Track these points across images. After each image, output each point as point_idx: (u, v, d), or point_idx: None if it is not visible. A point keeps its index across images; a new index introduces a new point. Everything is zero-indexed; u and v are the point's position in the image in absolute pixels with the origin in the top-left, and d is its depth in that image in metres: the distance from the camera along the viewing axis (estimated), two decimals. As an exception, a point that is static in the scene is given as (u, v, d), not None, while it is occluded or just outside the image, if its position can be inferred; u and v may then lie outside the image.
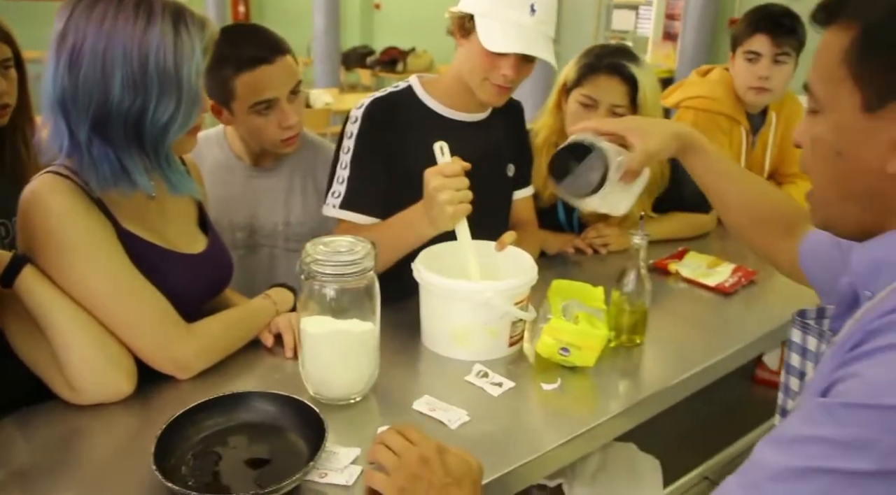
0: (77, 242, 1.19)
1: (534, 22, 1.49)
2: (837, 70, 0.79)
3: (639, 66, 1.88)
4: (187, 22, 1.18)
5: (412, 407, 1.22)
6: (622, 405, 1.29)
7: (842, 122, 0.80)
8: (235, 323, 1.37)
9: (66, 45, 1.14)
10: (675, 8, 7.65)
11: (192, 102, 1.20)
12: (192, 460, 1.05)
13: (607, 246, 2.00)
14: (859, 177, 0.80)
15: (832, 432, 0.66)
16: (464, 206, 1.38)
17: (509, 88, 1.58)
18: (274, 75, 1.65)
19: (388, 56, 9.62)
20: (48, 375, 1.21)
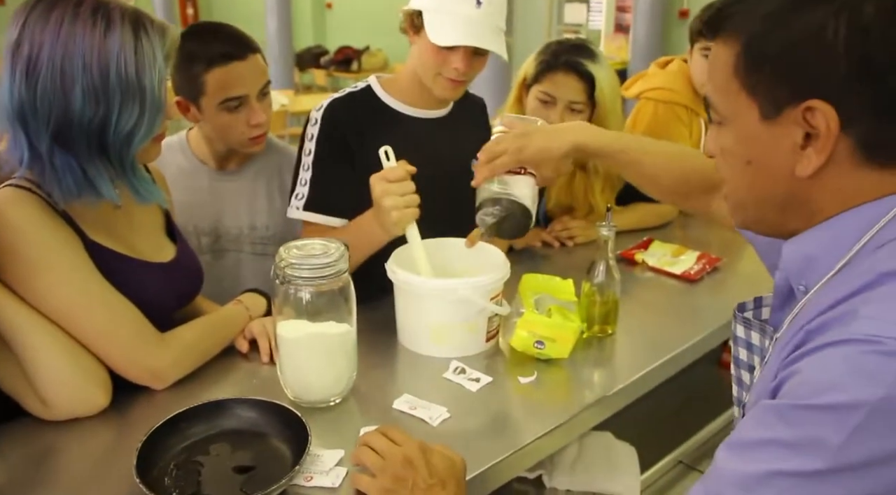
0: (43, 256, 1.17)
1: (481, 14, 1.49)
2: (731, 83, 0.81)
3: (596, 62, 1.90)
4: (147, 28, 1.16)
5: (392, 406, 1.23)
6: (598, 395, 1.31)
7: (745, 133, 0.81)
8: (209, 330, 1.36)
9: (22, 54, 1.11)
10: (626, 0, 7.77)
11: (155, 110, 1.18)
12: (174, 470, 1.04)
13: (574, 238, 2.02)
14: (772, 183, 0.82)
15: (783, 434, 0.68)
16: (411, 211, 1.40)
17: (463, 82, 1.60)
18: (246, 72, 1.65)
19: (342, 55, 9.58)
20: (18, 392, 1.18)
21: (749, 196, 0.86)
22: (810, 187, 0.79)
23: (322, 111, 1.64)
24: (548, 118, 1.92)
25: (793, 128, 0.76)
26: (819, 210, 0.81)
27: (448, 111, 1.75)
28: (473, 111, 1.84)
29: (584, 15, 8.41)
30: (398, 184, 1.38)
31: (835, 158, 0.76)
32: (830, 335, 0.70)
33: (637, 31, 7.24)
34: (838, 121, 0.73)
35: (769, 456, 0.69)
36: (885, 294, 0.70)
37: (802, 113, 0.75)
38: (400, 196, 1.38)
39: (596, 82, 1.88)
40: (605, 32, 8.02)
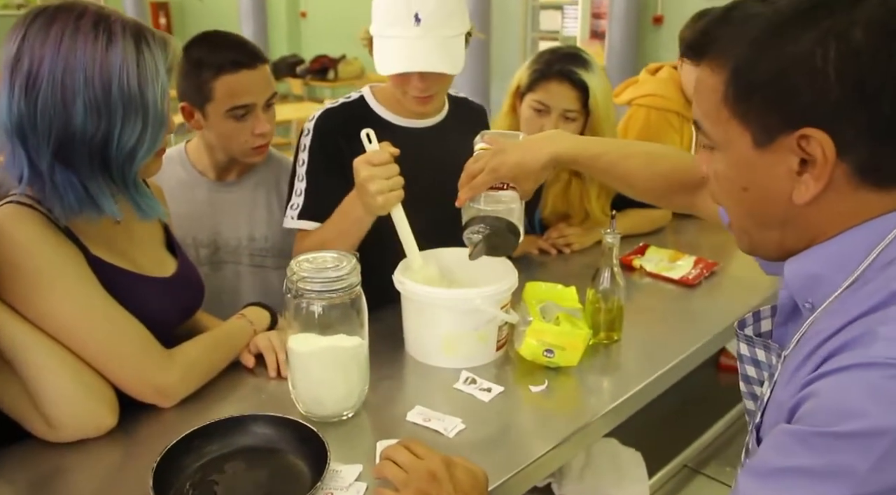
0: (47, 273, 1.14)
1: (421, 32, 1.46)
2: (720, 112, 0.79)
3: (589, 70, 1.91)
4: (149, 41, 1.14)
5: (406, 418, 1.22)
6: (609, 403, 1.31)
7: (739, 160, 0.80)
8: (215, 346, 1.34)
9: (22, 69, 1.08)
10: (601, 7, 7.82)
11: (158, 124, 1.16)
12: (191, 490, 1.02)
13: (570, 245, 2.03)
14: (770, 207, 0.81)
15: (807, 462, 0.67)
16: (395, 194, 1.39)
17: (430, 96, 1.59)
18: (254, 81, 1.64)
19: (318, 64, 9.52)
20: (22, 413, 1.15)
21: (749, 221, 0.85)
22: (808, 212, 0.78)
23: (315, 121, 1.64)
24: (542, 127, 1.93)
25: (788, 155, 0.75)
26: (821, 232, 0.80)
27: (441, 119, 1.74)
28: (471, 118, 1.83)
29: (560, 21, 8.46)
30: (383, 168, 1.38)
31: (833, 184, 0.75)
32: (850, 357, 0.69)
33: (612, 38, 7.28)
34: (834, 148, 0.72)
35: (794, 484, 0.68)
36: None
37: (797, 140, 0.74)
38: (385, 179, 1.37)
39: (590, 90, 1.88)
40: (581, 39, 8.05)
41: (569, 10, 8.31)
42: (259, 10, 9.17)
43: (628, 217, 2.15)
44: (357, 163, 1.39)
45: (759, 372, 0.98)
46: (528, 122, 1.97)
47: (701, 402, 1.87)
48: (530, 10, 8.48)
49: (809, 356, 0.75)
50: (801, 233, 0.81)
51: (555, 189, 2.05)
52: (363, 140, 1.40)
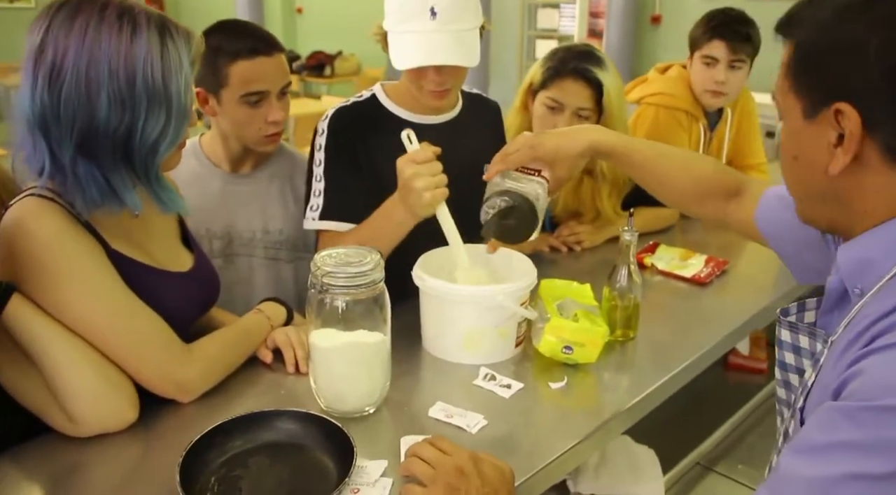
0: (68, 267, 1.13)
1: (437, 25, 1.46)
2: (784, 82, 0.87)
3: (603, 69, 1.91)
4: (173, 34, 1.13)
5: (428, 414, 1.21)
6: (627, 400, 1.31)
7: (793, 129, 0.87)
8: (234, 341, 1.33)
9: (45, 60, 1.07)
10: (599, 6, 7.83)
11: (182, 117, 1.15)
12: (216, 485, 1.01)
13: (581, 243, 2.03)
14: (813, 178, 0.87)
15: (854, 436, 0.68)
16: (441, 191, 1.38)
17: (446, 90, 1.58)
18: (270, 68, 1.64)
19: (314, 60, 9.48)
20: (43, 408, 1.14)
21: (798, 190, 0.93)
22: (846, 185, 0.83)
23: (328, 120, 1.63)
24: (555, 124, 1.92)
25: (827, 129, 0.81)
26: (865, 212, 0.84)
27: (455, 115, 1.74)
28: (485, 114, 1.83)
29: (557, 20, 8.46)
30: (428, 165, 1.36)
31: (862, 160, 0.80)
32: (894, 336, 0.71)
33: (610, 37, 7.29)
34: (860, 124, 0.78)
35: (842, 458, 0.69)
36: None
37: (834, 114, 0.80)
38: (430, 176, 1.36)
39: (604, 89, 1.88)
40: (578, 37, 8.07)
41: (566, 8, 8.32)
42: (255, 5, 9.14)
43: (639, 215, 2.14)
44: (401, 162, 1.37)
45: (798, 360, 1.01)
46: (541, 120, 1.97)
47: (710, 400, 1.87)
48: (527, 8, 8.48)
49: (857, 338, 0.77)
50: (842, 209, 0.86)
51: (567, 187, 2.05)
52: (404, 141, 1.39)
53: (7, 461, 1.10)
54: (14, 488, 1.06)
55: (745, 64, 2.31)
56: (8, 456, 1.11)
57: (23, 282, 1.13)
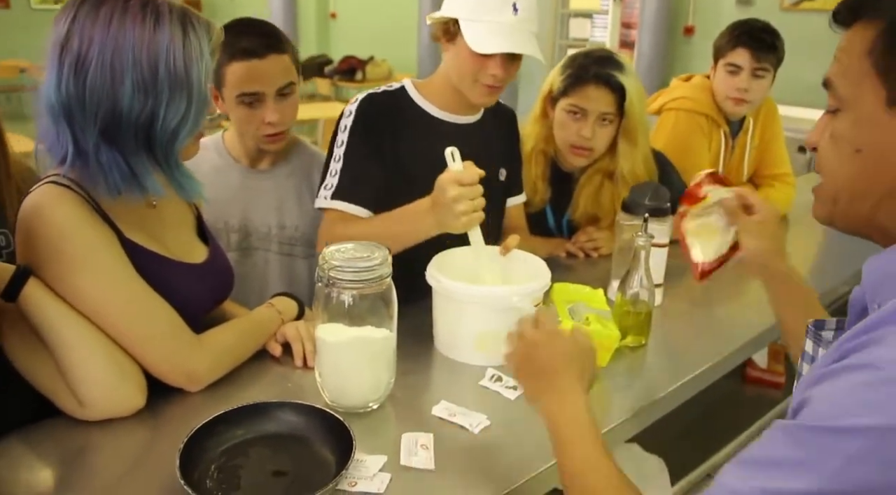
0: (83, 254, 1.15)
1: (518, 20, 1.50)
2: (861, 64, 0.79)
3: (625, 73, 1.90)
4: (194, 23, 1.16)
5: (431, 412, 1.21)
6: (634, 406, 1.30)
7: (864, 118, 0.79)
8: (244, 333, 1.34)
9: (71, 49, 1.10)
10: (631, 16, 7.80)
11: (202, 105, 1.18)
12: (216, 473, 1.02)
13: (598, 249, 2.01)
14: (880, 173, 0.79)
15: (783, 453, 0.66)
16: (477, 216, 1.38)
17: (499, 87, 1.59)
18: (262, 71, 1.64)
19: (346, 65, 9.56)
20: (54, 391, 1.16)
21: (847, 186, 0.83)
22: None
23: (358, 104, 1.64)
24: (578, 130, 1.92)
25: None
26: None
27: (478, 118, 1.74)
28: (503, 121, 1.84)
29: (589, 30, 8.45)
30: (471, 189, 1.36)
31: None
32: (854, 358, 0.67)
33: (642, 47, 7.25)
34: None
35: (765, 474, 0.67)
36: None
37: None
38: (471, 200, 1.36)
39: (626, 93, 1.87)
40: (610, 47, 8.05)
41: (598, 18, 8.31)
42: (289, 10, 9.24)
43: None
44: (445, 181, 1.36)
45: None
46: (563, 127, 1.96)
47: (725, 413, 1.84)
48: (560, 17, 8.48)
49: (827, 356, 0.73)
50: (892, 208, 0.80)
51: (587, 191, 2.04)
52: (447, 158, 1.38)
53: (17, 441, 1.12)
54: (23, 467, 1.07)
55: (768, 73, 2.29)
56: (18, 436, 1.13)
57: (39, 267, 1.15)
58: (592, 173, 2.02)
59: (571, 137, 1.94)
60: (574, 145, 1.95)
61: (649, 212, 1.60)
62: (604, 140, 1.95)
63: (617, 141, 1.97)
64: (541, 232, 2.10)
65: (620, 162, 1.96)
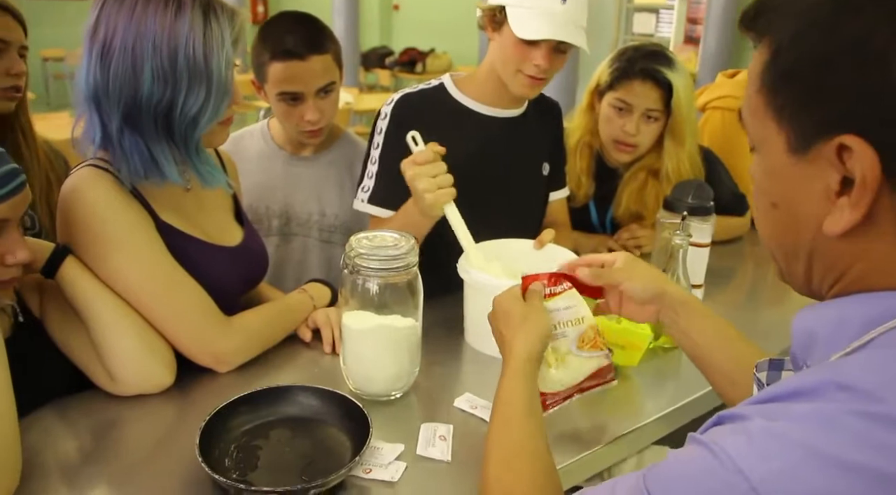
0: (118, 235, 1.18)
1: (565, 10, 1.48)
2: (756, 99, 0.64)
3: (674, 69, 1.86)
4: (217, 12, 1.17)
5: (453, 404, 1.21)
6: (663, 408, 1.27)
7: (772, 167, 0.65)
8: (274, 317, 1.36)
9: (98, 38, 1.14)
10: (697, 11, 7.63)
11: (221, 94, 1.19)
12: (235, 453, 1.04)
13: (641, 247, 1.97)
14: (797, 233, 0.65)
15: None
16: (444, 192, 1.38)
17: (543, 79, 1.57)
18: (303, 72, 1.66)
19: (407, 57, 9.63)
20: (88, 366, 1.20)
21: (775, 244, 0.70)
22: (844, 249, 0.62)
23: (392, 105, 1.64)
24: (623, 126, 1.89)
25: (826, 170, 0.59)
26: (854, 279, 0.63)
27: (521, 112, 1.72)
28: (547, 114, 1.81)
29: (653, 25, 8.30)
30: (428, 166, 1.37)
31: (874, 217, 0.58)
32: (709, 431, 0.61)
33: (707, 43, 7.09)
34: (880, 167, 0.56)
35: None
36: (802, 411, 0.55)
37: (836, 151, 0.58)
38: (431, 177, 1.36)
39: (674, 90, 1.83)
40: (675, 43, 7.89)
41: (664, 13, 8.15)
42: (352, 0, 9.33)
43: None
44: (404, 164, 1.40)
45: None
46: (609, 121, 1.93)
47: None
48: (624, 12, 8.35)
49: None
50: (826, 273, 0.66)
51: (631, 188, 2.00)
52: (409, 143, 1.41)
53: (53, 411, 1.17)
54: (56, 437, 1.11)
55: None
56: (54, 407, 1.18)
57: (77, 247, 1.19)
58: (637, 170, 1.98)
59: (615, 132, 1.91)
60: (618, 140, 1.92)
61: (690, 210, 1.56)
62: (648, 137, 1.91)
63: (663, 138, 1.92)
64: (584, 228, 2.07)
65: (665, 160, 1.92)
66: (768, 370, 0.85)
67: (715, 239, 2.04)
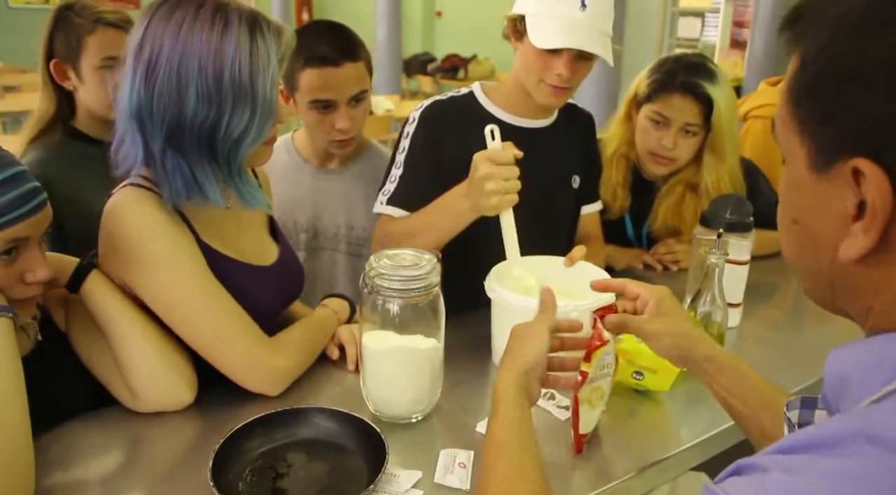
0: (163, 255, 1.16)
1: (585, 17, 1.44)
2: (783, 111, 0.62)
3: (715, 83, 1.79)
4: (263, 30, 1.14)
5: (475, 429, 1.17)
6: (699, 434, 1.21)
7: (795, 181, 0.62)
8: (312, 334, 1.34)
9: (143, 56, 1.11)
10: (744, 15, 7.46)
11: (266, 114, 1.16)
12: (249, 476, 1.02)
13: (678, 262, 1.92)
14: (814, 253, 0.62)
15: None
16: (510, 197, 1.34)
17: (566, 88, 1.53)
18: (336, 79, 1.65)
19: (449, 63, 9.63)
20: (110, 381, 1.20)
21: (797, 261, 0.67)
22: (863, 275, 0.59)
23: (421, 111, 1.63)
24: (660, 139, 1.83)
25: (845, 190, 0.56)
26: (879, 311, 0.60)
27: (551, 122, 1.69)
28: (579, 125, 1.77)
29: (699, 29, 8.14)
30: (505, 168, 1.32)
31: (891, 244, 0.56)
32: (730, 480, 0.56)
33: (754, 47, 6.92)
34: (891, 193, 0.53)
35: None
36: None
37: (852, 173, 0.55)
38: (504, 180, 1.32)
39: (714, 105, 1.77)
40: (720, 48, 7.73)
41: (710, 17, 7.99)
42: (395, 6, 9.36)
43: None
44: (478, 158, 1.34)
45: None
46: (645, 134, 1.88)
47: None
48: (669, 16, 8.22)
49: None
50: (854, 302, 0.62)
51: (668, 202, 1.94)
52: (486, 136, 1.36)
53: (74, 427, 1.17)
54: (77, 453, 1.11)
55: None
56: (76, 422, 1.18)
57: (121, 268, 1.18)
58: (675, 183, 1.92)
59: (652, 145, 1.86)
60: (654, 153, 1.87)
61: (729, 226, 1.51)
62: (686, 151, 1.85)
63: (702, 152, 1.86)
64: (619, 241, 2.02)
65: (705, 175, 1.86)
66: (800, 408, 0.80)
67: (755, 253, 1.98)
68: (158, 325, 1.19)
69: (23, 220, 1.01)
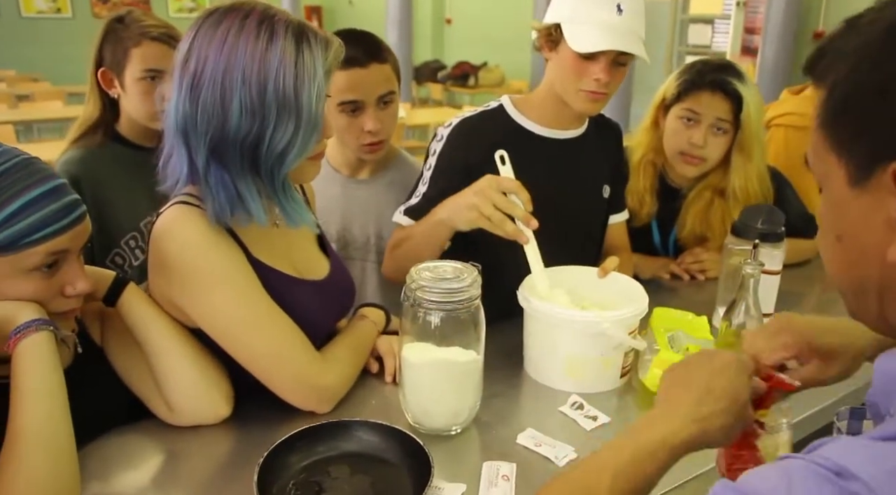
0: (214, 272, 1.15)
1: (622, 21, 1.45)
2: (818, 137, 0.66)
3: (743, 82, 1.81)
4: (310, 41, 1.11)
5: (516, 440, 1.17)
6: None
7: (835, 201, 0.67)
8: (357, 348, 1.33)
9: (189, 69, 1.09)
10: (755, 21, 7.45)
11: (311, 129, 1.13)
12: (294, 489, 1.02)
13: (705, 272, 1.91)
14: (863, 266, 0.65)
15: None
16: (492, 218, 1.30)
17: (604, 94, 1.52)
18: (364, 79, 1.65)
19: (459, 70, 9.63)
20: (147, 394, 1.20)
21: (844, 280, 0.70)
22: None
23: (450, 129, 1.62)
24: (690, 138, 1.83)
25: (886, 198, 0.60)
26: None
27: (581, 132, 1.69)
28: (608, 136, 1.77)
29: (709, 36, 8.14)
30: (500, 196, 1.30)
31: None
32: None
33: (766, 55, 6.91)
34: None
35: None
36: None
37: (893, 177, 0.59)
38: (495, 210, 1.30)
39: (743, 102, 1.78)
40: (731, 54, 7.71)
41: (720, 23, 7.98)
42: (405, 14, 9.40)
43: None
44: (487, 177, 1.34)
45: None
46: (675, 135, 1.88)
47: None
48: (679, 23, 8.21)
49: None
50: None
51: (695, 208, 1.94)
52: (497, 161, 1.37)
53: (111, 440, 1.17)
54: (114, 467, 1.11)
55: None
56: (113, 436, 1.18)
57: (172, 287, 1.16)
58: (702, 189, 1.92)
59: (682, 144, 1.85)
60: (684, 153, 1.87)
61: (762, 236, 1.50)
62: (716, 150, 1.85)
63: (730, 155, 1.86)
64: (646, 250, 2.01)
65: (733, 177, 1.86)
66: (849, 419, 0.83)
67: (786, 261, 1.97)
68: (195, 339, 1.19)
69: (63, 233, 1.01)
